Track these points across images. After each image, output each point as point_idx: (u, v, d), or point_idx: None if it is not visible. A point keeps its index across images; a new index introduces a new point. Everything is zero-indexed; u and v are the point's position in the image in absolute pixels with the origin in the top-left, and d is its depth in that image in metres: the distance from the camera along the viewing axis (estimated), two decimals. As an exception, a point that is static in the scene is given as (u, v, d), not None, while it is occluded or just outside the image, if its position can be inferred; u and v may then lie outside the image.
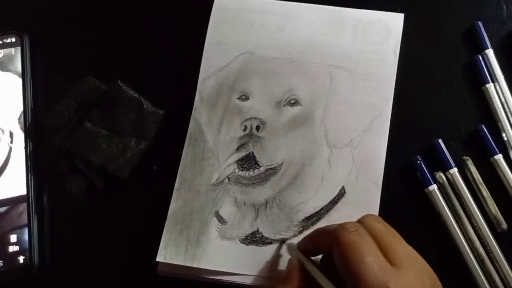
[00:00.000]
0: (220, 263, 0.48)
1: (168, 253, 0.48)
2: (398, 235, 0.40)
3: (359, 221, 0.41)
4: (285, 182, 0.50)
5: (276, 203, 0.49)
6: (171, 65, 0.55)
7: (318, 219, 0.48)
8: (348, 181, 0.49)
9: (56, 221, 0.52)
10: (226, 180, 0.50)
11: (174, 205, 0.50)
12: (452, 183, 0.48)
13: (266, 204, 0.49)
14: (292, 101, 0.51)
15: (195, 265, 0.48)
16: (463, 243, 0.46)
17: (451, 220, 0.47)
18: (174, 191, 0.50)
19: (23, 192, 0.52)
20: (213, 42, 0.54)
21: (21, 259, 0.50)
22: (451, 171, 0.48)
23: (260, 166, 0.50)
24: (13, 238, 0.50)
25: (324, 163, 0.50)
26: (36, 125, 0.54)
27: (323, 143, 0.50)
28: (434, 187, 0.48)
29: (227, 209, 0.49)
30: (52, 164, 0.52)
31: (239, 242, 0.48)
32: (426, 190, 0.48)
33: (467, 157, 0.48)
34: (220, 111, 0.52)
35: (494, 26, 0.52)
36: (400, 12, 0.53)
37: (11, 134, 0.53)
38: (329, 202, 0.49)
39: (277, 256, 0.47)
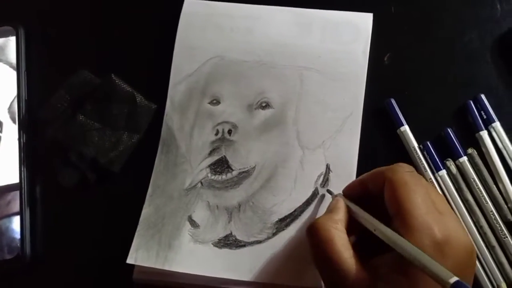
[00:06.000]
0: (192, 266, 0.47)
1: (139, 256, 0.48)
2: (441, 193, 0.42)
3: None
4: (258, 184, 0.49)
5: (249, 206, 0.49)
6: (165, 59, 0.54)
7: (292, 221, 0.48)
8: (321, 182, 0.49)
9: (48, 212, 0.53)
10: (199, 184, 0.50)
11: (146, 211, 0.50)
12: (462, 171, 0.48)
13: (240, 207, 0.49)
14: (264, 104, 0.51)
15: (166, 267, 0.47)
16: (473, 230, 0.46)
17: (462, 208, 0.47)
18: (147, 197, 0.50)
19: (13, 181, 0.52)
20: (182, 47, 0.54)
21: (13, 250, 0.50)
22: (460, 159, 0.48)
23: (233, 170, 0.50)
24: (5, 228, 0.51)
25: (297, 165, 0.49)
26: (30, 117, 0.54)
27: (296, 144, 0.50)
28: (443, 172, 0.48)
29: (200, 213, 0.49)
30: (45, 156, 0.53)
31: (212, 245, 0.48)
32: (434, 176, 0.48)
33: (472, 149, 0.48)
34: (192, 116, 0.52)
35: (488, 25, 0.52)
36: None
37: (0, 124, 0.54)
38: (303, 203, 0.48)
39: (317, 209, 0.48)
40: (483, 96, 0.49)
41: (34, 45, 0.57)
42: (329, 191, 0.48)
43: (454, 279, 0.30)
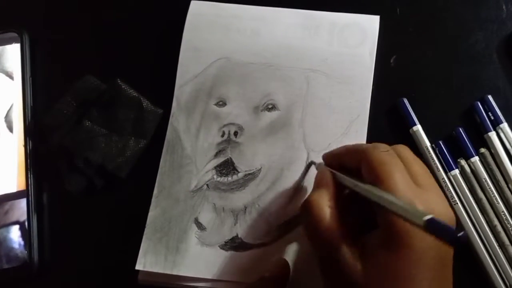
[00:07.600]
0: (200, 270, 0.47)
1: (148, 261, 0.48)
2: (425, 167, 0.41)
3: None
4: (264, 187, 0.49)
5: (255, 208, 0.49)
6: (171, 63, 0.54)
7: (297, 224, 0.48)
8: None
9: (55, 219, 0.52)
10: (205, 186, 0.50)
11: (153, 213, 0.50)
12: (473, 171, 0.48)
13: (245, 209, 0.49)
14: (270, 106, 0.51)
15: (175, 272, 0.47)
16: (486, 229, 0.46)
17: (474, 207, 0.47)
18: (153, 199, 0.50)
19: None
20: (189, 48, 0.53)
21: (20, 257, 0.50)
22: (472, 159, 0.47)
23: (238, 172, 0.50)
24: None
25: (302, 167, 0.49)
26: (36, 123, 0.54)
27: (301, 147, 0.50)
28: (456, 172, 0.47)
29: (206, 216, 0.49)
30: (51, 163, 0.53)
31: (218, 248, 0.48)
32: (447, 175, 0.48)
33: (484, 148, 0.48)
34: (198, 118, 0.52)
35: (494, 26, 0.52)
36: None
37: None
38: (309, 206, 0.48)
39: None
40: (490, 97, 0.49)
41: (38, 51, 0.57)
42: (312, 162, 0.49)
43: (428, 216, 0.29)
